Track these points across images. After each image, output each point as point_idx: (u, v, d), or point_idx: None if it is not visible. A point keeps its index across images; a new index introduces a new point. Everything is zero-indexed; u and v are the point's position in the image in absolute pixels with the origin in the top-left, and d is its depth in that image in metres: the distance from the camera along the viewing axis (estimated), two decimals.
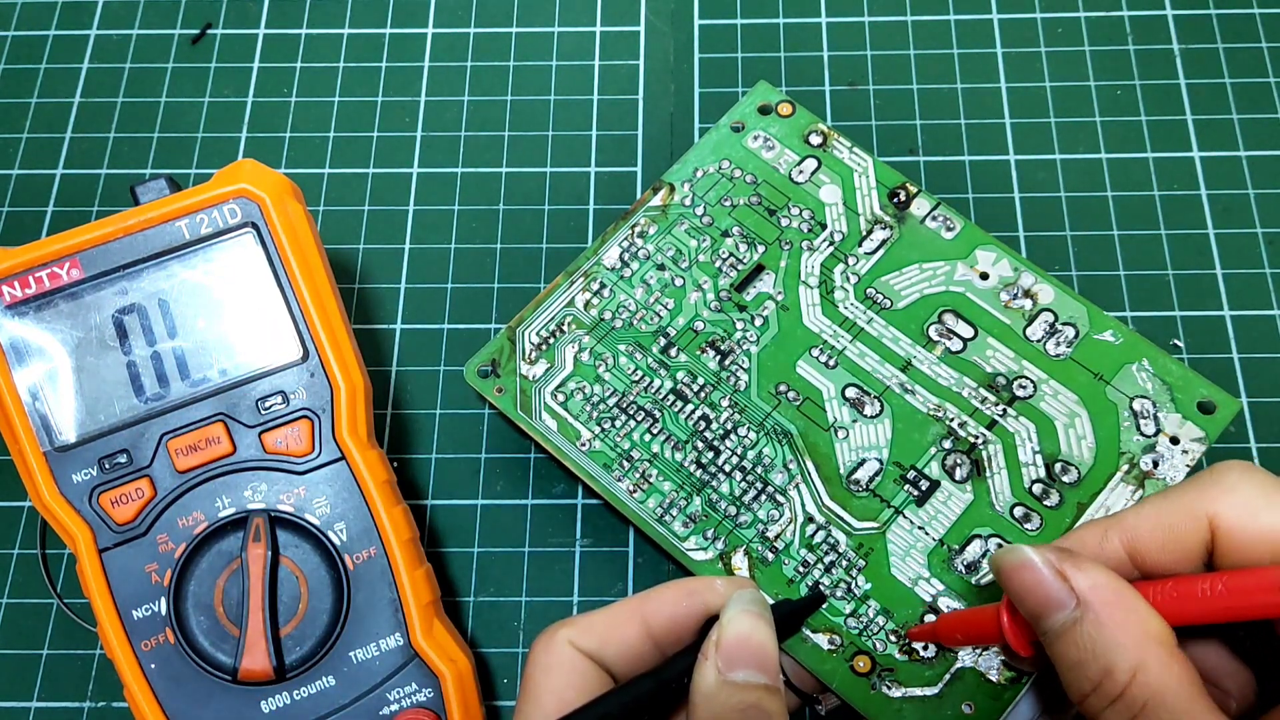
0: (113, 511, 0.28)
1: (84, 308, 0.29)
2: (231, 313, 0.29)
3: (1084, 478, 0.31)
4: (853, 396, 0.33)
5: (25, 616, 0.35)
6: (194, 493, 0.28)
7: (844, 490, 0.31)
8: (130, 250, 0.29)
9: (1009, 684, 0.29)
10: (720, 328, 0.34)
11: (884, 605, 0.30)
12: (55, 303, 0.29)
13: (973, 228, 0.34)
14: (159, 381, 0.29)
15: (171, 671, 0.27)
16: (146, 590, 0.28)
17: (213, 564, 0.28)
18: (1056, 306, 0.33)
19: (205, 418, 0.29)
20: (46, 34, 0.44)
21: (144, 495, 0.28)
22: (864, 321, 0.34)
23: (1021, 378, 0.32)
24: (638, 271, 0.35)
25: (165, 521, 0.28)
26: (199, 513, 0.28)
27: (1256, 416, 0.36)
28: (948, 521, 0.31)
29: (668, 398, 0.33)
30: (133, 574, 0.28)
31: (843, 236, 0.35)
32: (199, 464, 0.28)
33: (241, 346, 0.29)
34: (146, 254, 0.29)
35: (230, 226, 0.29)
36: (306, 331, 0.29)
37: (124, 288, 0.29)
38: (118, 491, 0.28)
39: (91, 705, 0.34)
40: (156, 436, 0.28)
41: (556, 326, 0.34)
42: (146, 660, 0.27)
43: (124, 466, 0.28)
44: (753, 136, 0.36)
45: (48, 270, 0.29)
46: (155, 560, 0.28)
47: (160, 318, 0.29)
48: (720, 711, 0.23)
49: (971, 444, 0.32)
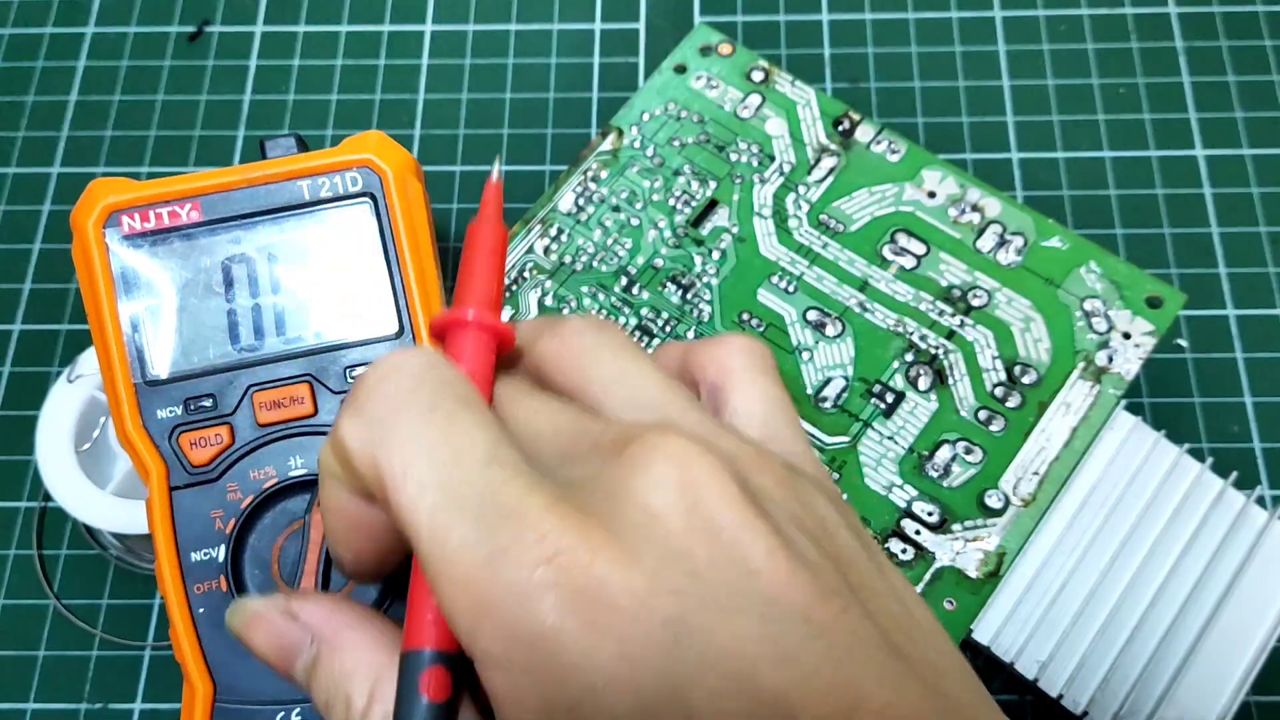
0: (190, 452, 0.28)
1: (197, 250, 0.29)
2: (335, 278, 0.29)
3: (1043, 378, 0.32)
4: (814, 319, 0.33)
5: (21, 617, 0.35)
6: (270, 448, 0.28)
7: (813, 409, 0.32)
8: (250, 201, 0.29)
9: (988, 578, 0.30)
10: (680, 263, 0.34)
11: (861, 514, 0.31)
12: (171, 241, 0.29)
13: (917, 150, 0.35)
14: (255, 334, 0.29)
15: (219, 619, 0.27)
16: (209, 535, 0.28)
17: (276, 521, 0.28)
18: (1004, 218, 0.34)
19: (293, 376, 0.29)
20: (43, 31, 0.44)
21: (222, 441, 0.28)
22: (819, 247, 0.34)
23: (976, 288, 0.33)
24: (594, 215, 0.35)
25: (238, 471, 0.28)
26: (271, 468, 0.28)
27: (1260, 417, 0.36)
28: (915, 430, 0.32)
29: (634, 334, 0.33)
30: (198, 517, 0.28)
31: (792, 167, 0.36)
32: (280, 420, 0.28)
33: (339, 313, 0.29)
34: (265, 208, 0.29)
35: (349, 194, 0.29)
36: (405, 309, 0.29)
37: (238, 236, 0.29)
38: (198, 434, 0.28)
39: (89, 707, 0.33)
40: (244, 387, 0.28)
41: (518, 274, 0.34)
42: (197, 603, 0.27)
43: (208, 410, 0.28)
44: (696, 77, 0.37)
45: (169, 208, 0.29)
46: (222, 507, 0.28)
47: (267, 271, 0.29)
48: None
49: (932, 355, 0.33)
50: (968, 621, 0.29)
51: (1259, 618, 0.29)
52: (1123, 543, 0.30)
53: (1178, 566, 0.30)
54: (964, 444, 0.32)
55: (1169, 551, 0.30)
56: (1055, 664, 0.29)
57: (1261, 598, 0.30)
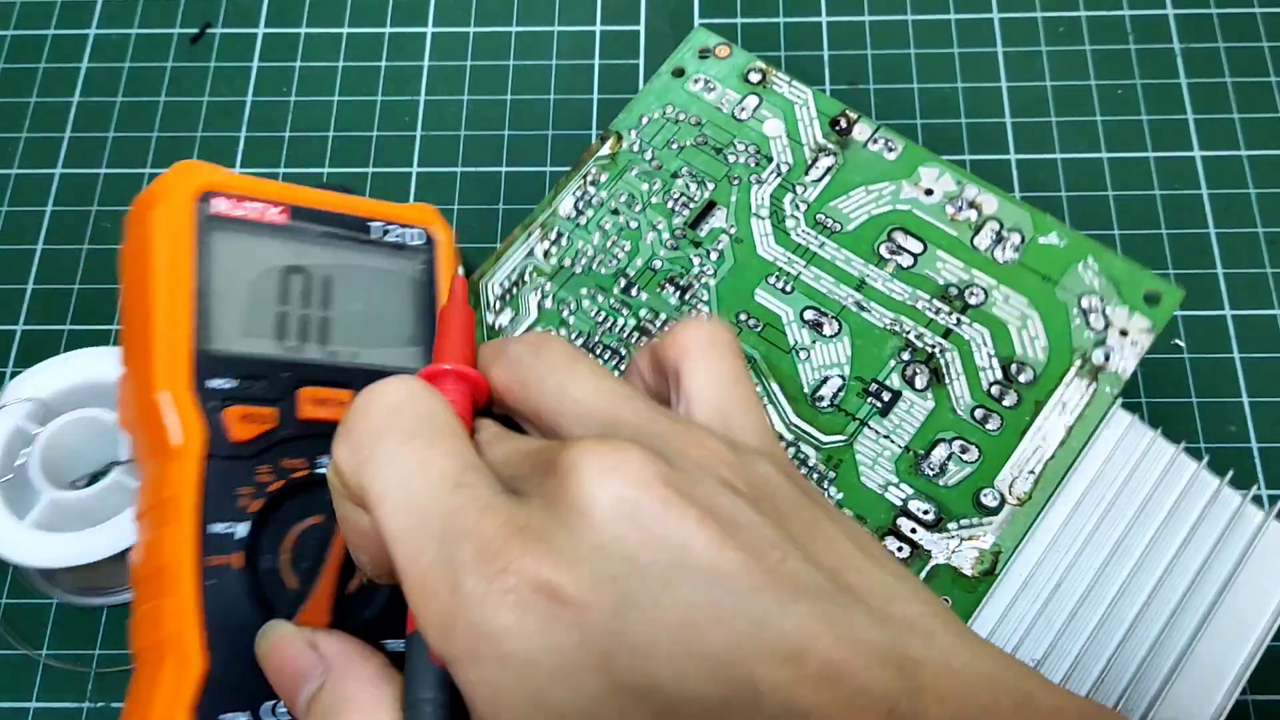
0: (232, 426, 0.28)
1: (272, 249, 0.31)
2: (381, 310, 0.32)
3: (1039, 376, 0.32)
4: (811, 318, 0.34)
5: (24, 616, 0.35)
6: (306, 441, 0.29)
7: (809, 407, 0.32)
8: (328, 222, 0.32)
9: (983, 576, 0.30)
10: (678, 264, 0.35)
11: (857, 512, 0.31)
12: (254, 232, 0.31)
13: (914, 147, 0.35)
14: (300, 336, 0.31)
15: (227, 597, 0.27)
16: (232, 510, 0.28)
17: (297, 511, 0.29)
18: (1001, 215, 0.34)
19: (340, 382, 0.30)
20: (45, 33, 0.44)
21: (267, 423, 0.29)
22: (816, 246, 0.35)
23: (972, 286, 0.33)
24: (593, 218, 0.35)
25: (273, 455, 0.29)
26: (304, 460, 0.29)
27: (1257, 416, 0.36)
28: (912, 429, 0.32)
29: (633, 335, 0.34)
30: (226, 490, 0.28)
31: (789, 167, 0.36)
32: (322, 418, 0.29)
33: (379, 340, 0.32)
34: (337, 232, 0.32)
35: (411, 245, 0.33)
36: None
37: (307, 250, 0.31)
38: (247, 410, 0.29)
39: (91, 706, 0.34)
40: (294, 380, 0.30)
41: (519, 277, 0.35)
42: (208, 576, 0.27)
43: (258, 391, 0.29)
44: (693, 80, 0.37)
45: (260, 205, 0.31)
46: (251, 485, 0.28)
47: (322, 288, 0.31)
48: None
49: (929, 353, 0.33)
50: (963, 620, 0.29)
51: (1254, 616, 0.29)
52: (1118, 541, 0.30)
53: (1173, 565, 0.30)
54: (960, 443, 0.32)
55: (1164, 550, 0.30)
56: (1050, 662, 0.29)
57: (1257, 596, 0.30)
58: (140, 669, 0.27)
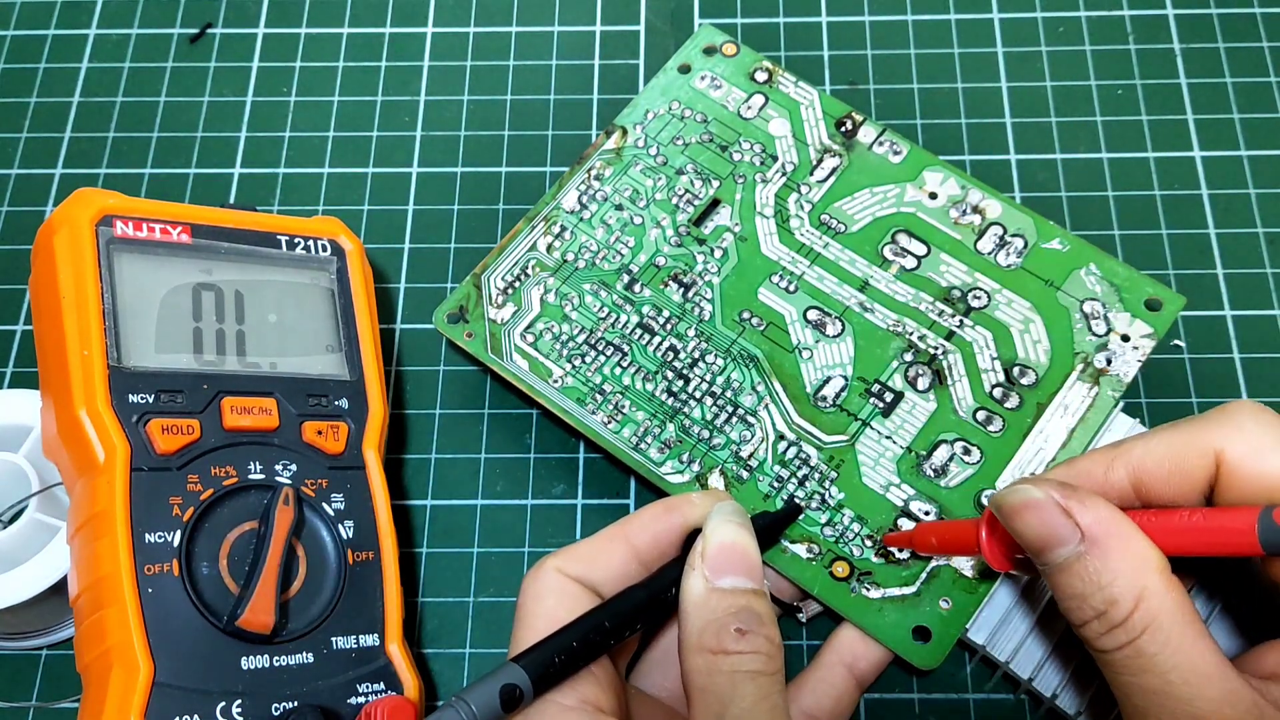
0: (156, 439, 0.29)
1: (176, 268, 0.32)
2: (293, 320, 0.33)
3: (1041, 379, 0.32)
4: (814, 318, 0.34)
5: None
6: (234, 450, 0.30)
7: (812, 407, 0.33)
8: (234, 239, 0.33)
9: (982, 579, 0.30)
10: (681, 261, 0.35)
11: (858, 513, 0.31)
12: (157, 252, 0.32)
13: (919, 151, 0.36)
14: (218, 350, 0.32)
15: (167, 603, 0.28)
16: (165, 519, 0.29)
17: (230, 517, 0.30)
18: (1005, 220, 0.34)
19: (262, 391, 0.31)
20: (45, 33, 0.44)
21: (191, 434, 0.30)
22: (820, 246, 0.35)
23: (976, 289, 0.34)
24: (596, 213, 0.35)
25: (200, 465, 0.30)
26: (232, 468, 0.30)
27: None
28: (914, 430, 0.32)
29: (635, 331, 0.34)
30: (157, 500, 0.29)
31: (794, 167, 0.36)
32: (246, 427, 0.31)
33: (295, 349, 0.33)
34: (245, 248, 0.33)
35: (318, 258, 0.34)
36: (359, 361, 0.33)
37: (214, 267, 0.33)
38: (168, 421, 0.30)
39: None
40: (214, 392, 0.31)
41: (521, 271, 0.35)
42: (146, 584, 0.28)
43: (178, 404, 0.30)
44: (700, 77, 0.37)
45: (161, 224, 0.32)
46: (181, 495, 0.29)
47: (234, 301, 0.33)
48: (712, 618, 0.24)
49: (932, 355, 0.33)
50: (963, 621, 0.29)
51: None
52: None
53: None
54: (962, 444, 0.32)
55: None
56: (1050, 665, 0.29)
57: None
58: (89, 684, 0.27)
